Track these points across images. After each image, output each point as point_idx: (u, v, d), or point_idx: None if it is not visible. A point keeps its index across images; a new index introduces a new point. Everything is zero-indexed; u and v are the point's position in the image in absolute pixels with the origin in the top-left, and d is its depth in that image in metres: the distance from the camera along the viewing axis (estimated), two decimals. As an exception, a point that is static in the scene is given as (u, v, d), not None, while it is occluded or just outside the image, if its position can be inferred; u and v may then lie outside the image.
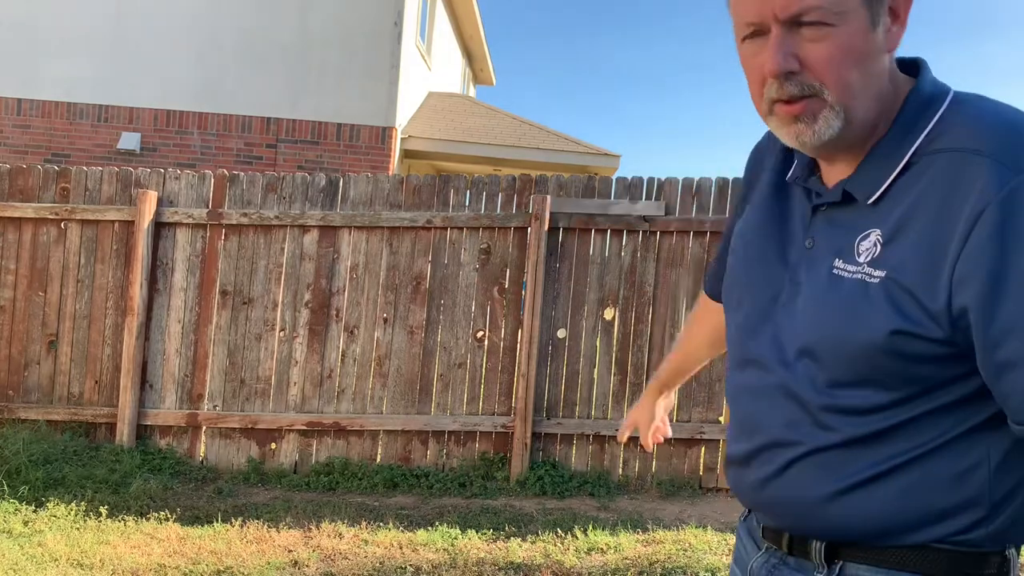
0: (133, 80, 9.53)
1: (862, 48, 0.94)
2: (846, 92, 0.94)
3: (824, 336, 0.98)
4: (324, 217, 5.33)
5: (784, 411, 1.03)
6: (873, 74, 0.96)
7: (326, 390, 5.34)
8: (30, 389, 5.42)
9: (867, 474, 0.97)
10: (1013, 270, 0.85)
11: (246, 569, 3.72)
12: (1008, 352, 0.86)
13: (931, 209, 0.91)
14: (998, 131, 0.90)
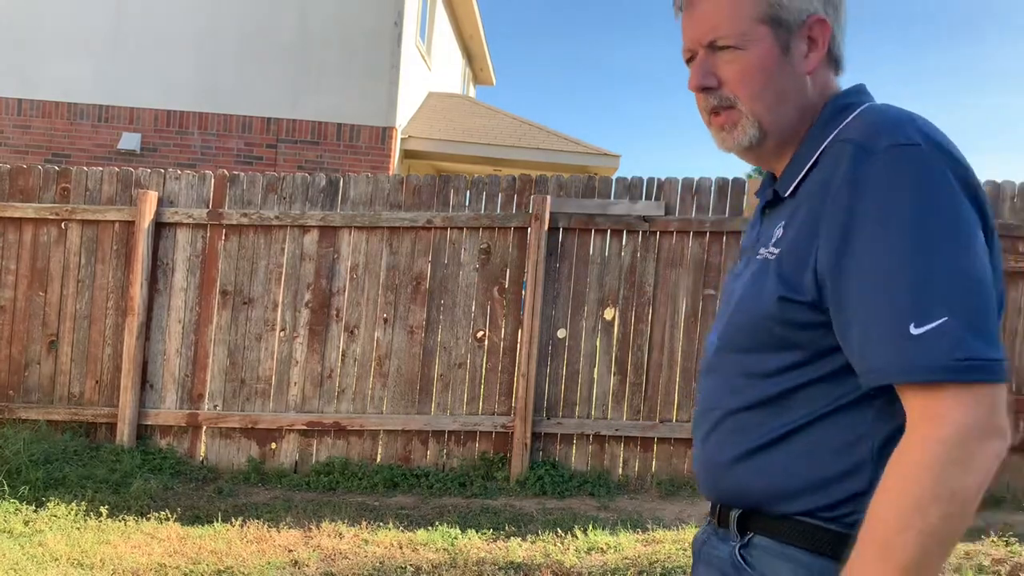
0: (133, 80, 9.53)
1: (770, 68, 1.10)
2: (756, 104, 1.11)
3: (741, 309, 1.12)
4: (324, 217, 5.34)
5: (713, 382, 1.16)
6: (785, 90, 1.11)
7: (326, 390, 5.34)
8: (31, 389, 5.42)
9: (766, 438, 1.06)
10: (855, 238, 0.96)
11: (246, 569, 3.73)
12: (848, 314, 0.97)
13: (815, 191, 1.04)
14: (872, 123, 1.02)
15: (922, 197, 0.94)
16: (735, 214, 5.23)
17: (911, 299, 0.91)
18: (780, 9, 1.10)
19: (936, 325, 0.90)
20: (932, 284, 0.91)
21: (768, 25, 1.10)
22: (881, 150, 0.97)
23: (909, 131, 0.98)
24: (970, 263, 0.93)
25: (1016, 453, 5.16)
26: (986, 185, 5.21)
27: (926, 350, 0.90)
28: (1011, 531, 4.53)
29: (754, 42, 1.10)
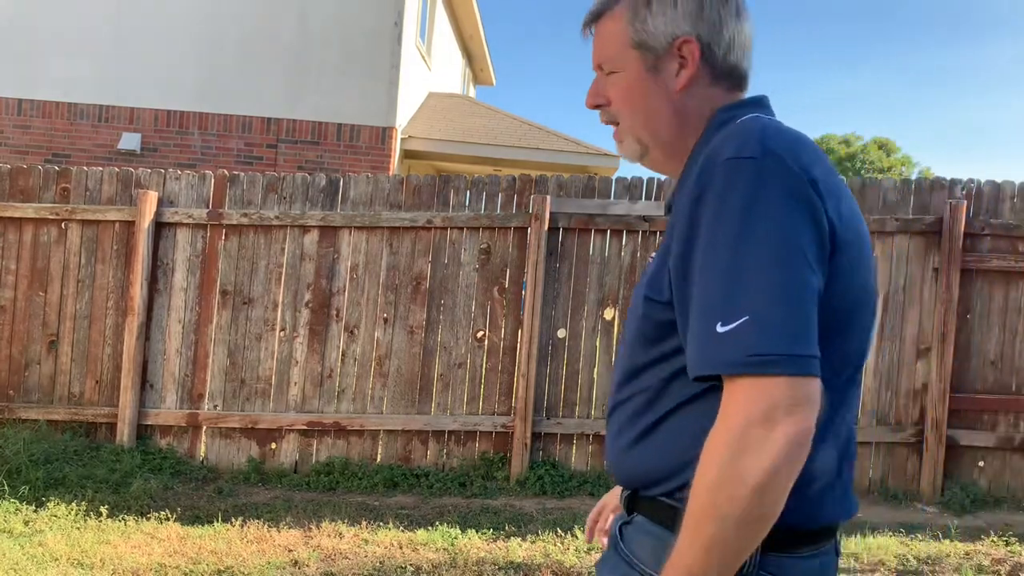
0: (133, 80, 9.53)
1: (640, 88, 1.21)
2: (632, 121, 1.23)
3: (631, 309, 1.23)
4: (324, 217, 5.34)
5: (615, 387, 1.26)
6: (657, 108, 1.21)
7: (326, 390, 5.34)
8: (31, 389, 5.43)
9: (642, 428, 1.17)
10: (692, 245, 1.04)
11: (246, 569, 3.73)
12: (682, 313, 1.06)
13: (681, 204, 1.11)
14: (725, 138, 1.09)
15: (745, 207, 1.00)
16: (735, 214, 5.23)
17: (721, 301, 0.99)
18: (646, 35, 1.20)
19: (736, 325, 0.97)
20: (740, 288, 0.98)
21: (637, 50, 1.20)
22: (720, 163, 1.04)
23: (751, 144, 1.04)
24: (779, 269, 0.98)
25: (1016, 453, 5.17)
26: (986, 185, 5.21)
27: (727, 347, 0.97)
28: (1011, 531, 4.54)
29: (626, 66, 1.22)
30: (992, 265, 5.12)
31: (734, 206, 1.00)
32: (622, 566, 1.19)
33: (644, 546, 1.16)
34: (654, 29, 1.19)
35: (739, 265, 0.99)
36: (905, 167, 39.78)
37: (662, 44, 1.19)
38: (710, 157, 1.07)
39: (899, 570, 3.98)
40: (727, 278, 0.99)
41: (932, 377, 5.08)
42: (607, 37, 1.23)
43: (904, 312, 5.17)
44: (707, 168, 1.05)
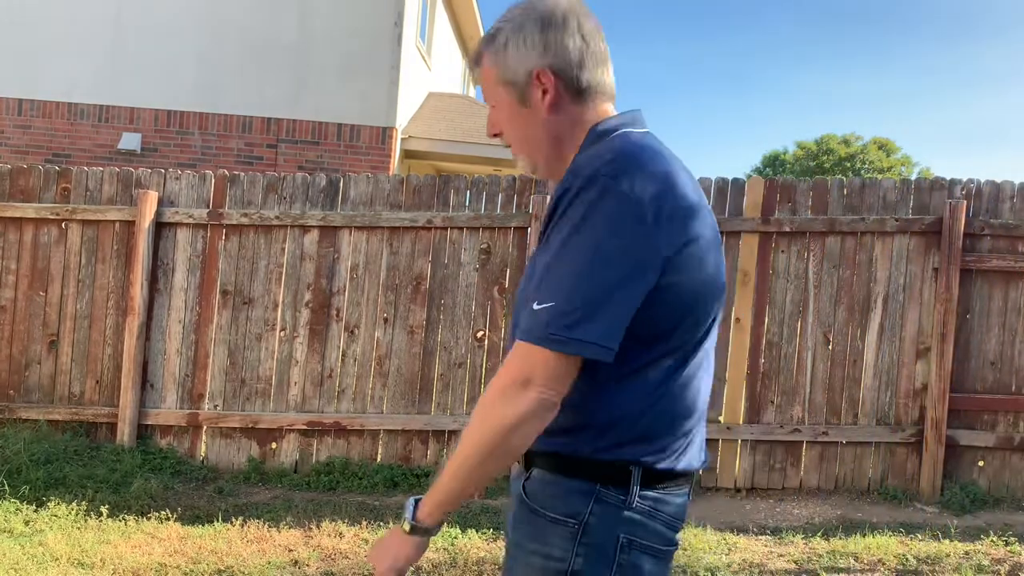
0: (133, 80, 9.54)
1: (513, 118, 1.43)
2: (516, 146, 1.45)
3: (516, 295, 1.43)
4: (324, 217, 5.34)
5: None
6: (531, 132, 1.42)
7: (326, 390, 5.35)
8: (31, 389, 5.43)
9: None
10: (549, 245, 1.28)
11: (247, 568, 3.73)
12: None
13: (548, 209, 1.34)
14: (587, 157, 1.33)
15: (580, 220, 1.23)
16: (735, 214, 5.24)
17: (542, 287, 1.24)
18: (507, 72, 1.40)
19: (546, 306, 1.22)
20: (557, 279, 1.23)
21: (504, 86, 1.41)
22: (567, 181, 1.28)
23: (596, 166, 1.26)
24: (592, 269, 1.21)
25: (1016, 453, 5.17)
26: (986, 185, 5.22)
27: (535, 321, 1.23)
28: (1011, 531, 4.54)
29: (501, 100, 1.43)
30: (992, 265, 5.12)
31: (572, 218, 1.24)
32: (528, 516, 1.37)
33: (551, 495, 1.34)
34: (514, 67, 1.39)
35: (561, 263, 1.23)
36: (905, 167, 39.78)
37: (522, 78, 1.39)
38: (571, 171, 1.30)
39: (899, 570, 3.99)
40: (553, 271, 1.24)
41: (932, 377, 5.08)
42: (485, 78, 1.44)
43: (904, 312, 5.18)
44: (565, 179, 1.29)
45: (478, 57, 1.45)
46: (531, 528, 1.35)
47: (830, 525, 4.58)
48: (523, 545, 1.36)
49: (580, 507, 1.31)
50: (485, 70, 1.44)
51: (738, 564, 3.98)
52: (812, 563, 4.03)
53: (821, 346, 5.20)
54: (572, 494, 1.32)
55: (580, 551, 1.30)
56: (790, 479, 5.20)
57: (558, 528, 1.31)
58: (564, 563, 1.31)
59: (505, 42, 1.40)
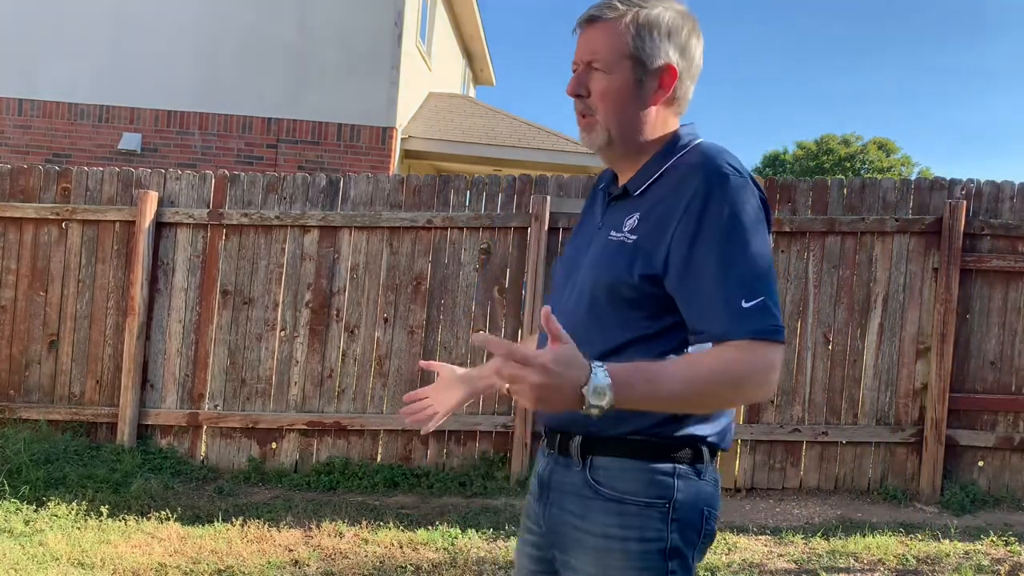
0: (133, 80, 9.54)
1: (623, 94, 1.43)
2: (608, 117, 1.44)
3: (596, 276, 1.44)
4: (324, 217, 5.34)
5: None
6: (632, 112, 1.45)
7: (326, 390, 5.35)
8: (31, 389, 5.43)
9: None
10: (699, 239, 1.33)
11: (247, 568, 3.73)
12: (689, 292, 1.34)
13: (668, 199, 1.39)
14: (706, 156, 1.40)
15: (741, 211, 1.33)
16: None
17: (742, 284, 1.31)
18: (641, 52, 1.42)
19: (757, 302, 1.30)
20: (749, 273, 1.31)
21: (631, 61, 1.42)
22: (719, 175, 1.35)
23: (728, 164, 1.37)
24: (766, 263, 1.34)
25: (1015, 453, 5.17)
26: (986, 185, 5.22)
27: (753, 319, 1.30)
28: (1011, 531, 4.54)
29: (618, 71, 1.42)
30: (992, 265, 5.12)
31: (731, 212, 1.33)
32: (611, 506, 1.40)
33: (633, 480, 1.39)
34: (650, 50, 1.42)
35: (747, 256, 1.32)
36: (905, 167, 39.77)
37: (653, 64, 1.42)
38: (708, 169, 1.36)
39: (898, 570, 3.99)
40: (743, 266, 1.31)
41: (932, 377, 5.08)
42: (604, 41, 1.43)
43: (904, 312, 5.18)
44: (710, 178, 1.35)
45: (604, 15, 1.43)
46: (619, 517, 1.40)
47: (830, 525, 4.58)
48: (612, 535, 1.39)
49: (667, 487, 1.39)
50: (609, 33, 1.42)
51: (738, 564, 3.98)
52: (812, 563, 4.03)
53: (821, 346, 5.21)
54: (658, 476, 1.39)
55: (673, 528, 1.39)
56: (790, 479, 5.20)
57: (650, 511, 1.39)
58: (662, 542, 1.39)
59: (655, 22, 1.42)
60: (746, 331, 1.29)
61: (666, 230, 1.36)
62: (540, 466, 1.56)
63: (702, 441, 1.42)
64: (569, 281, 1.53)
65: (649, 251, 1.38)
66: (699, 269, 1.32)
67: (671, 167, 1.43)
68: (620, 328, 1.41)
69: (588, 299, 1.45)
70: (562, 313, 1.45)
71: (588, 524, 1.42)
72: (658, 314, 1.39)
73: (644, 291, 1.38)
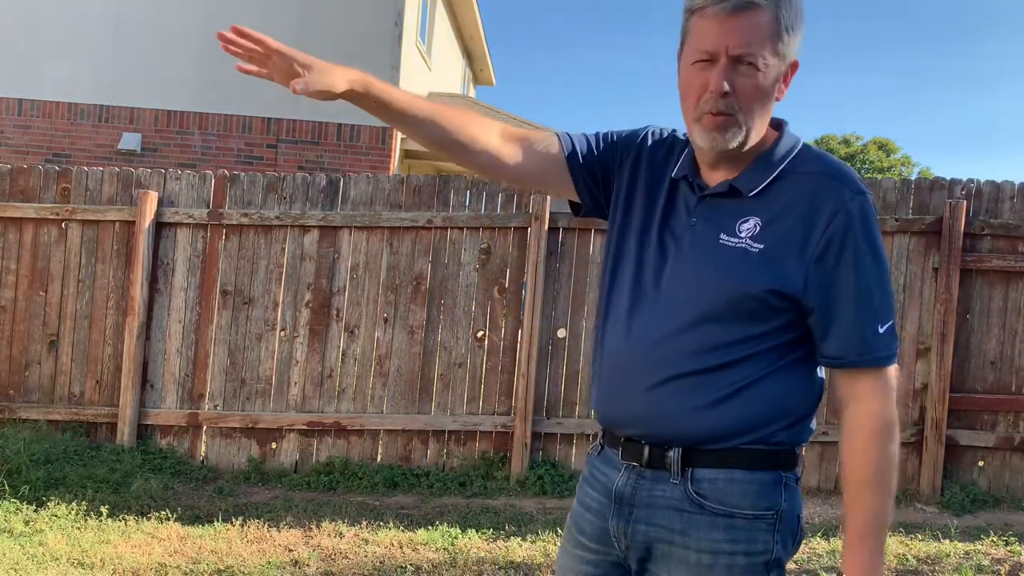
0: (133, 80, 9.54)
1: (769, 92, 1.35)
2: (751, 117, 1.34)
3: (717, 283, 1.34)
4: (324, 217, 5.34)
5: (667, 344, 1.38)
6: (767, 111, 1.37)
7: (326, 390, 5.35)
8: (31, 389, 5.43)
9: (721, 394, 1.34)
10: (849, 261, 1.30)
11: (247, 568, 3.73)
12: (832, 316, 1.32)
13: (801, 208, 1.32)
14: (840, 166, 1.37)
15: (877, 234, 1.33)
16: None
17: (879, 309, 1.31)
18: (786, 48, 1.35)
19: (889, 326, 1.31)
20: (885, 299, 1.33)
21: (779, 58, 1.34)
22: (858, 193, 1.32)
23: (858, 180, 1.35)
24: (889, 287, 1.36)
25: (1016, 453, 5.17)
26: (986, 185, 5.22)
27: (884, 343, 1.31)
28: (1011, 531, 4.54)
29: (769, 69, 1.33)
30: (992, 265, 5.12)
31: (874, 234, 1.32)
32: (718, 520, 1.35)
33: (742, 493, 1.35)
34: (791, 48, 1.36)
35: (883, 282, 1.33)
36: (905, 167, 39.77)
37: (788, 61, 1.37)
38: (847, 186, 1.33)
39: (898, 570, 3.99)
40: (881, 292, 1.32)
41: (932, 377, 5.08)
42: (760, 34, 1.31)
43: (904, 312, 5.18)
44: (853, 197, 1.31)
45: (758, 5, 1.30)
46: (727, 532, 1.35)
47: (830, 525, 4.58)
48: (719, 551, 1.34)
49: (776, 498, 1.37)
50: (767, 28, 1.31)
51: (738, 564, 3.98)
52: (812, 563, 4.02)
53: (821, 346, 5.20)
54: (767, 487, 1.36)
55: (778, 538, 1.36)
56: (790, 479, 5.20)
57: (758, 523, 1.35)
58: (768, 554, 1.35)
59: (798, 14, 1.36)
60: (882, 357, 1.31)
61: (803, 245, 1.31)
62: (613, 479, 1.44)
63: (799, 445, 1.42)
64: (651, 279, 1.41)
65: (781, 264, 1.31)
66: (844, 294, 1.30)
67: (790, 171, 1.36)
68: (737, 343, 1.35)
69: (702, 308, 1.35)
70: (652, 321, 1.39)
71: (691, 540, 1.35)
72: (781, 329, 1.35)
73: (770, 305, 1.32)
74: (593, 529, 1.47)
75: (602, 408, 1.48)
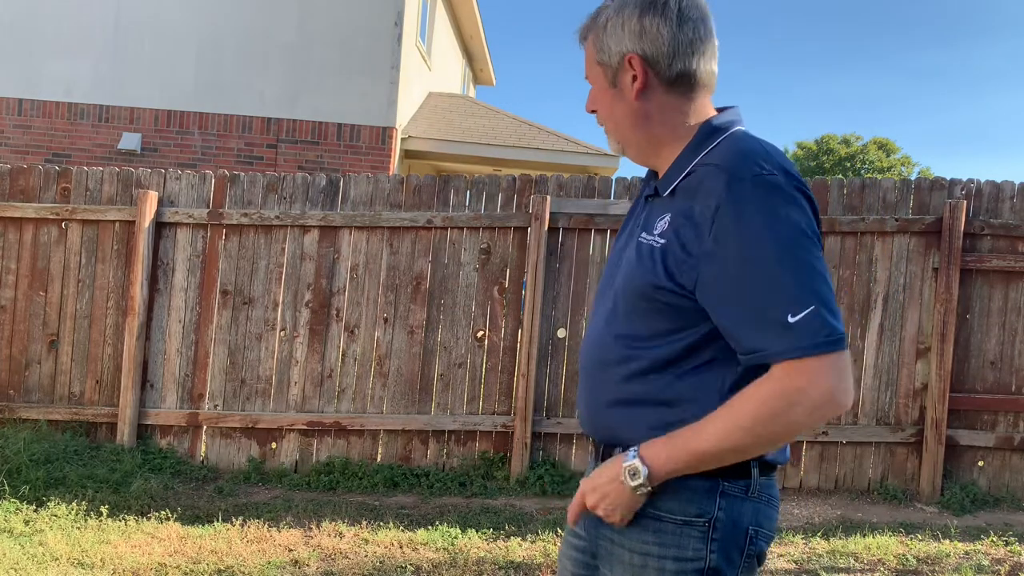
0: (133, 80, 9.54)
1: (605, 99, 1.44)
2: (607, 124, 1.46)
3: (625, 283, 1.39)
4: (324, 217, 5.34)
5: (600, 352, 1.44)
6: (621, 114, 1.42)
7: (326, 390, 5.35)
8: (31, 389, 5.43)
9: (633, 392, 1.37)
10: (736, 252, 1.23)
11: (247, 568, 3.73)
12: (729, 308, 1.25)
13: (693, 201, 1.30)
14: (736, 154, 1.30)
15: (775, 216, 1.23)
16: (735, 214, 5.23)
17: (784, 295, 1.20)
18: (603, 54, 1.41)
19: (807, 312, 1.20)
20: (796, 282, 1.21)
21: (600, 67, 1.42)
22: (749, 178, 1.25)
23: (767, 162, 1.27)
24: (818, 262, 1.23)
25: (1016, 453, 5.17)
26: (986, 185, 5.22)
27: (801, 334, 1.20)
28: (1011, 531, 4.54)
29: (596, 80, 1.44)
30: (992, 265, 5.12)
31: (767, 219, 1.22)
32: (648, 523, 1.36)
33: (670, 497, 1.34)
34: (608, 48, 1.40)
35: (792, 263, 1.21)
36: (905, 167, 39.77)
37: (615, 61, 1.40)
38: (732, 171, 1.26)
39: (899, 569, 3.99)
40: (782, 276, 1.21)
41: (932, 377, 5.08)
42: (586, 56, 1.46)
43: (904, 312, 5.18)
44: (738, 180, 1.25)
45: (584, 32, 1.46)
46: (656, 535, 1.35)
47: (830, 525, 4.58)
48: (649, 553, 1.36)
49: (708, 505, 1.33)
50: (587, 46, 1.45)
51: (738, 564, 3.98)
52: (812, 563, 4.03)
53: (821, 346, 5.20)
54: (698, 493, 1.33)
55: (713, 547, 1.33)
56: (790, 479, 5.20)
57: (688, 529, 1.34)
58: (700, 562, 1.33)
59: (605, 22, 1.41)
60: (797, 348, 1.19)
61: (692, 239, 1.28)
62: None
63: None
64: (603, 287, 1.52)
65: (675, 260, 1.30)
66: (738, 287, 1.23)
67: (702, 164, 1.33)
68: (654, 341, 1.35)
69: (620, 305, 1.40)
70: (599, 318, 1.48)
71: (625, 539, 1.39)
72: (691, 325, 1.32)
73: (671, 299, 1.31)
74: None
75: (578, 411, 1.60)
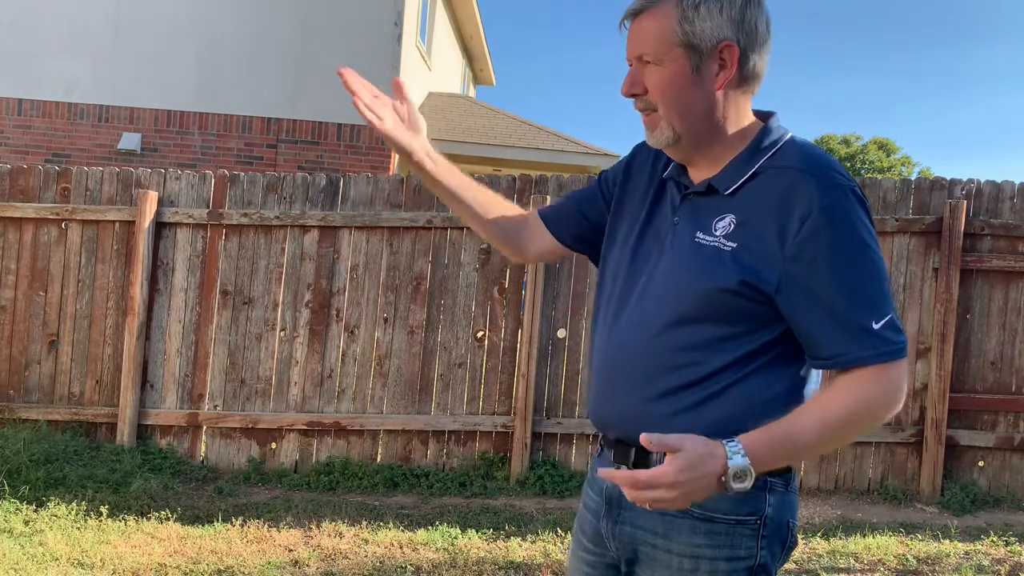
0: (133, 80, 9.54)
1: (680, 84, 1.33)
2: (669, 111, 1.34)
3: (688, 282, 1.33)
4: (324, 217, 5.34)
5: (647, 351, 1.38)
6: (693, 102, 1.33)
7: (326, 390, 5.35)
8: (31, 389, 5.43)
9: (697, 396, 1.33)
10: (827, 259, 1.25)
11: (247, 568, 3.73)
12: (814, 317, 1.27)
13: (775, 206, 1.28)
14: (816, 160, 1.31)
15: (861, 225, 1.26)
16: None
17: (871, 303, 1.25)
18: (693, 36, 1.31)
19: (886, 320, 1.25)
20: (880, 291, 1.26)
21: (683, 48, 1.32)
22: (832, 187, 1.27)
23: (839, 172, 1.30)
24: (886, 271, 1.30)
25: (1016, 453, 5.17)
26: (986, 185, 5.22)
27: (886, 340, 1.25)
28: (1011, 531, 4.54)
29: (671, 61, 1.32)
30: (992, 265, 5.12)
31: (854, 228, 1.26)
32: (699, 525, 1.33)
33: (723, 497, 1.26)
34: (701, 32, 1.31)
35: (875, 275, 1.26)
36: (905, 167, 39.78)
37: (707, 46, 1.31)
38: (822, 179, 1.27)
39: (899, 570, 3.99)
40: (868, 285, 1.26)
41: (932, 377, 5.08)
42: (651, 33, 1.33)
43: (904, 312, 5.17)
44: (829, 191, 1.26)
45: (648, 5, 1.34)
46: (708, 537, 1.34)
47: (830, 525, 4.58)
48: (701, 556, 1.34)
49: (759, 503, 1.33)
50: (656, 22, 1.33)
51: (738, 564, 3.98)
52: (812, 563, 4.02)
53: (821, 346, 5.20)
54: (750, 492, 1.27)
55: (763, 544, 1.34)
56: (790, 479, 5.20)
57: (741, 528, 1.33)
58: (751, 559, 1.34)
59: (698, 3, 1.31)
60: (882, 354, 1.24)
61: (777, 244, 1.27)
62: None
63: None
64: (633, 281, 1.43)
65: (753, 263, 1.28)
66: (827, 293, 1.25)
67: (767, 167, 1.32)
68: (712, 344, 1.33)
69: (677, 309, 1.34)
70: (630, 324, 1.40)
71: (672, 544, 1.36)
72: (756, 329, 1.32)
73: (743, 304, 1.29)
74: (591, 530, 1.50)
75: (593, 410, 1.49)
